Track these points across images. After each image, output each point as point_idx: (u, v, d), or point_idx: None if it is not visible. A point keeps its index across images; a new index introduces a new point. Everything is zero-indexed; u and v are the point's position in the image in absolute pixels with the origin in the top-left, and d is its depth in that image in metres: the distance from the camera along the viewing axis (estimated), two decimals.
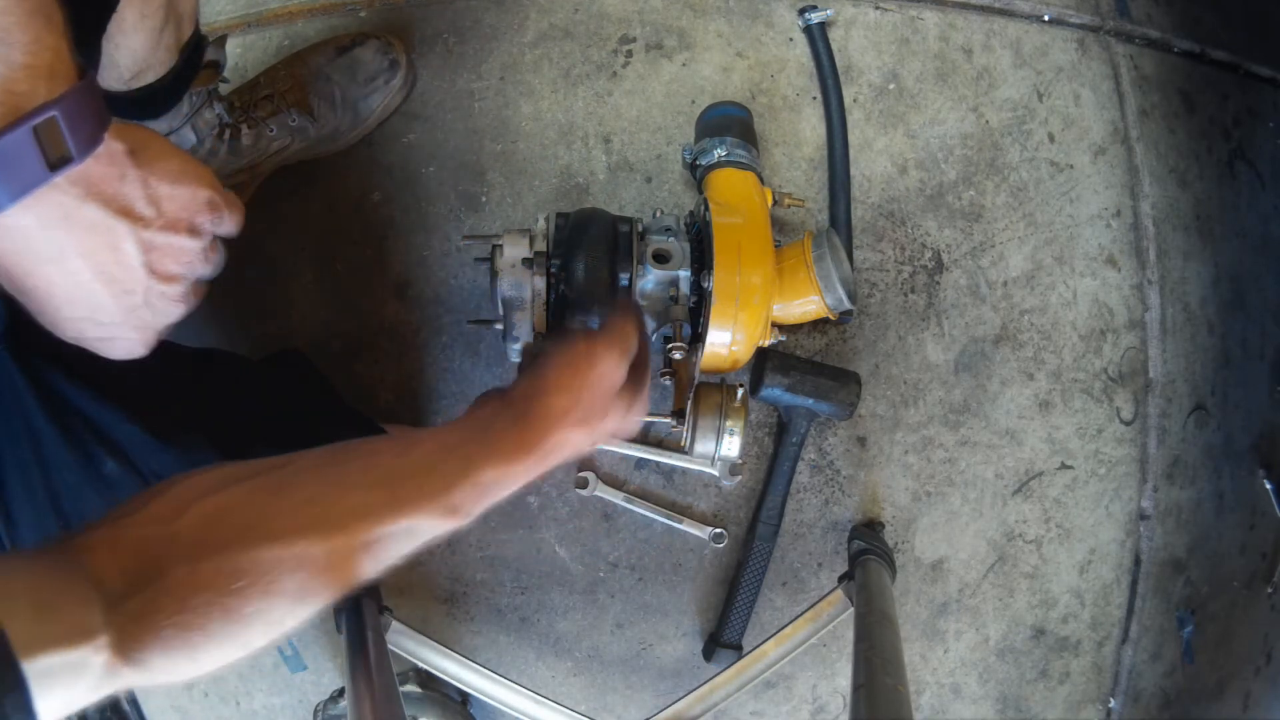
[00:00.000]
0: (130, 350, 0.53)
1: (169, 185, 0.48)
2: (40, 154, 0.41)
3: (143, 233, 0.48)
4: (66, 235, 0.45)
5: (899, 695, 0.70)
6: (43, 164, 0.41)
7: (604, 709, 1.09)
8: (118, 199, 0.46)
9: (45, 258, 0.46)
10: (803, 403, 0.99)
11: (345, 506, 0.48)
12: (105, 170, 0.45)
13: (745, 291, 0.79)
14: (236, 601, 0.43)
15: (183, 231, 0.50)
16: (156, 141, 0.49)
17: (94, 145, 0.44)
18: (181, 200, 0.49)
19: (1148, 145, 1.13)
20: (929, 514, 1.09)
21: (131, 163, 0.46)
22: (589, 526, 1.07)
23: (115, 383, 0.62)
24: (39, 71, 0.40)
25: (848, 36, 1.10)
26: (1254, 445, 1.19)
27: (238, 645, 0.44)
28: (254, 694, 1.10)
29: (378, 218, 1.06)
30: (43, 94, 0.40)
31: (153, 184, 0.48)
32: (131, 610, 0.41)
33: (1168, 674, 1.17)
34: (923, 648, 1.11)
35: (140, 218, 0.47)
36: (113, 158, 0.45)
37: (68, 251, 0.46)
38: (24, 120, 0.40)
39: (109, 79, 0.74)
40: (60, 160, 0.42)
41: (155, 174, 0.48)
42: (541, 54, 1.07)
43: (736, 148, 0.93)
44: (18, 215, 0.42)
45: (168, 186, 0.48)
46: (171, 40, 0.74)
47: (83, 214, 0.45)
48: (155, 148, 0.48)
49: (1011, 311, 1.10)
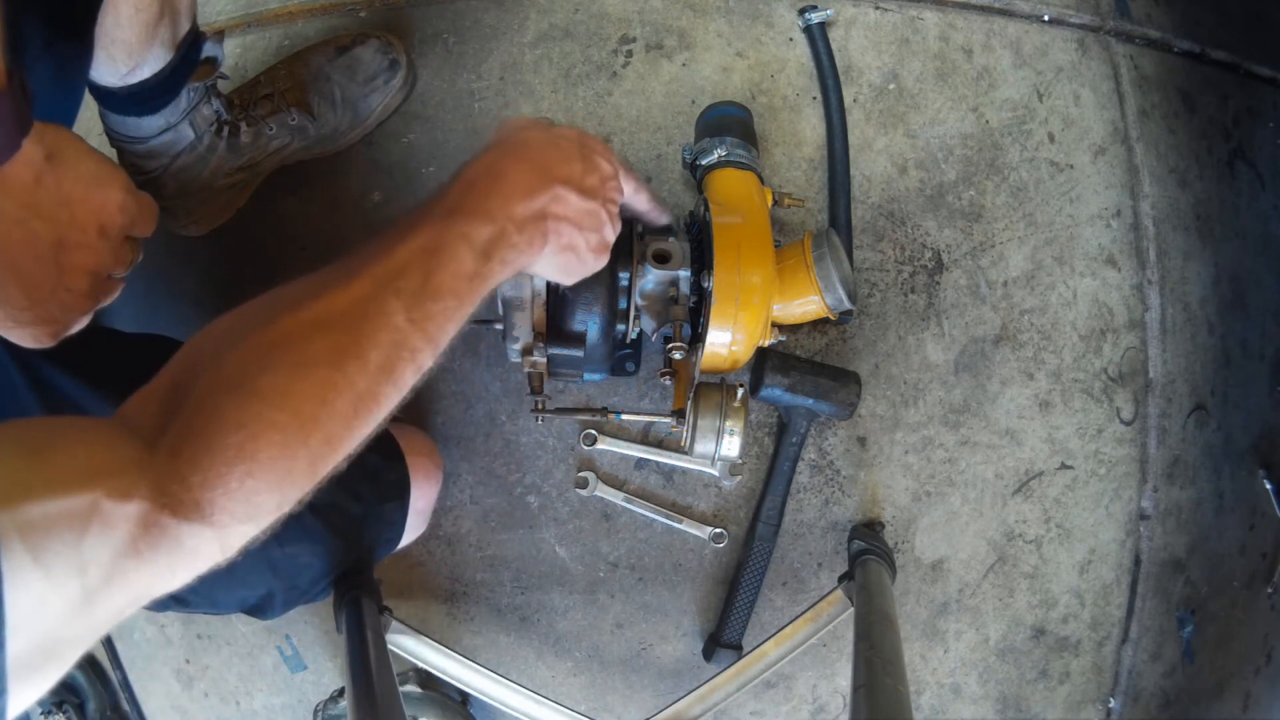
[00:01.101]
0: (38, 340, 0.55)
1: (82, 188, 0.51)
2: None
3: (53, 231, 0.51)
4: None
5: (899, 695, 0.70)
6: None
7: (604, 709, 1.09)
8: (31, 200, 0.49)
9: None
10: (803, 403, 0.99)
11: (353, 261, 0.46)
12: (20, 171, 0.47)
13: (745, 291, 0.79)
14: (264, 380, 0.38)
15: (92, 232, 0.53)
16: (74, 145, 0.51)
17: (11, 150, 0.45)
18: (94, 204, 0.52)
19: (1148, 145, 1.13)
20: (929, 514, 1.09)
21: (47, 166, 0.49)
22: (589, 526, 1.07)
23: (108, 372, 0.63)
24: None
25: (848, 36, 1.10)
26: (1254, 445, 1.19)
27: (294, 446, 0.38)
28: (254, 694, 1.10)
29: (378, 218, 1.05)
30: None
31: (66, 187, 0.50)
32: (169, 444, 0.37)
33: (1168, 674, 1.17)
34: (923, 648, 1.11)
35: (51, 218, 0.50)
36: (29, 161, 0.48)
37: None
38: None
39: (105, 74, 0.75)
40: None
41: (69, 177, 0.50)
42: (542, 54, 1.07)
43: (736, 148, 0.93)
44: None
45: (81, 189, 0.51)
46: (167, 35, 0.75)
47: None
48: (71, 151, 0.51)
49: (1011, 311, 1.10)
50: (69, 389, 0.62)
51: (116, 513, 0.33)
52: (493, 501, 1.07)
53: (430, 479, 0.95)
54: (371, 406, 0.42)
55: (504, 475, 1.06)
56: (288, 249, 1.05)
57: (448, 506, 1.06)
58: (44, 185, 0.49)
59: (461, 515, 1.07)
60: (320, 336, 0.40)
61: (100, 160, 0.53)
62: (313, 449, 0.39)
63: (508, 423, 1.06)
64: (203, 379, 0.38)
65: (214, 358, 0.40)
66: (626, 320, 0.81)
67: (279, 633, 1.09)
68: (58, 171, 0.50)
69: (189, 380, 0.39)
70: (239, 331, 0.41)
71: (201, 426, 0.36)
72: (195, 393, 0.38)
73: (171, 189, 0.92)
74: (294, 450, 0.38)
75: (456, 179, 0.52)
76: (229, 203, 1.00)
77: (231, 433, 0.36)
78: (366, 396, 0.41)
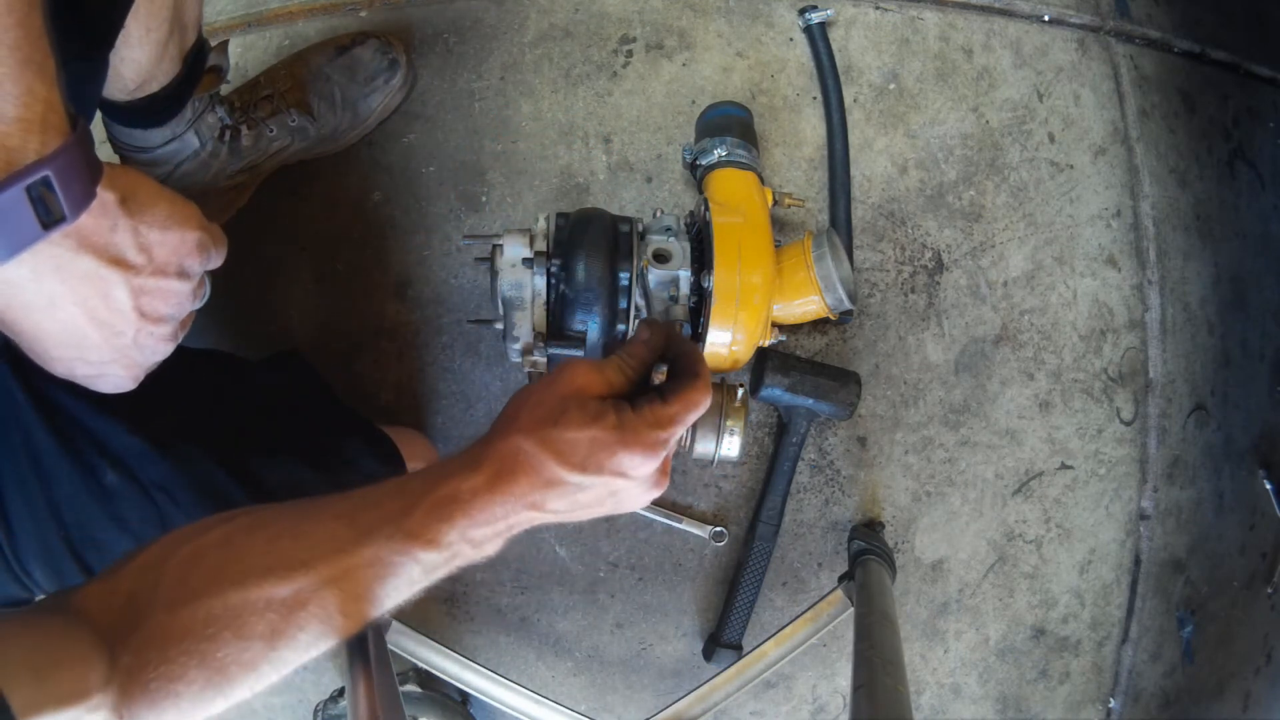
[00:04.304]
0: (119, 385, 0.54)
1: (159, 231, 0.49)
2: (34, 213, 0.41)
3: (134, 279, 0.49)
4: (59, 285, 0.46)
5: (899, 695, 0.70)
6: (36, 223, 0.41)
7: (604, 709, 1.09)
8: (109, 249, 0.47)
9: (38, 306, 0.46)
10: (803, 403, 0.99)
11: (308, 542, 0.46)
12: (97, 222, 0.46)
13: (745, 291, 0.79)
14: (210, 647, 0.43)
15: (172, 275, 0.51)
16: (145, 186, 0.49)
17: (87, 202, 0.44)
18: (171, 245, 0.50)
19: (1148, 145, 1.13)
20: (929, 514, 1.09)
21: (122, 212, 0.47)
22: (589, 526, 1.07)
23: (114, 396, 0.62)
24: (31, 125, 0.40)
25: (848, 36, 1.10)
26: (1254, 445, 1.19)
27: (220, 695, 0.43)
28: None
29: (378, 218, 1.05)
30: (35, 148, 0.40)
31: (143, 231, 0.48)
32: (125, 665, 0.42)
33: (1168, 674, 1.17)
34: (923, 648, 1.11)
35: (131, 266, 0.48)
36: (104, 209, 0.46)
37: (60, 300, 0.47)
38: (16, 179, 0.39)
39: (113, 90, 0.75)
40: (54, 220, 0.42)
41: (145, 221, 0.48)
42: (542, 54, 1.07)
43: (737, 148, 0.93)
44: (11, 269, 0.43)
45: (158, 233, 0.49)
46: (175, 50, 0.75)
47: (76, 265, 0.46)
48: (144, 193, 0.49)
49: (1011, 311, 1.10)
50: (74, 410, 0.62)
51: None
52: None
53: None
54: (291, 665, 0.46)
55: None
56: (288, 249, 1.05)
57: None
58: (120, 232, 0.47)
59: None
60: (262, 618, 0.44)
61: (174, 199, 0.51)
62: (238, 696, 0.45)
63: None
64: (156, 617, 0.43)
65: (171, 602, 0.43)
66: (626, 320, 0.81)
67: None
68: (133, 216, 0.47)
69: (147, 604, 0.43)
70: (200, 582, 0.44)
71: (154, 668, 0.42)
72: (153, 627, 0.43)
73: None
74: (221, 701, 0.44)
75: (430, 490, 0.48)
76: (229, 203, 1.00)
77: (175, 683, 0.42)
78: (291, 663, 0.46)
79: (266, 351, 1.03)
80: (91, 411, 0.62)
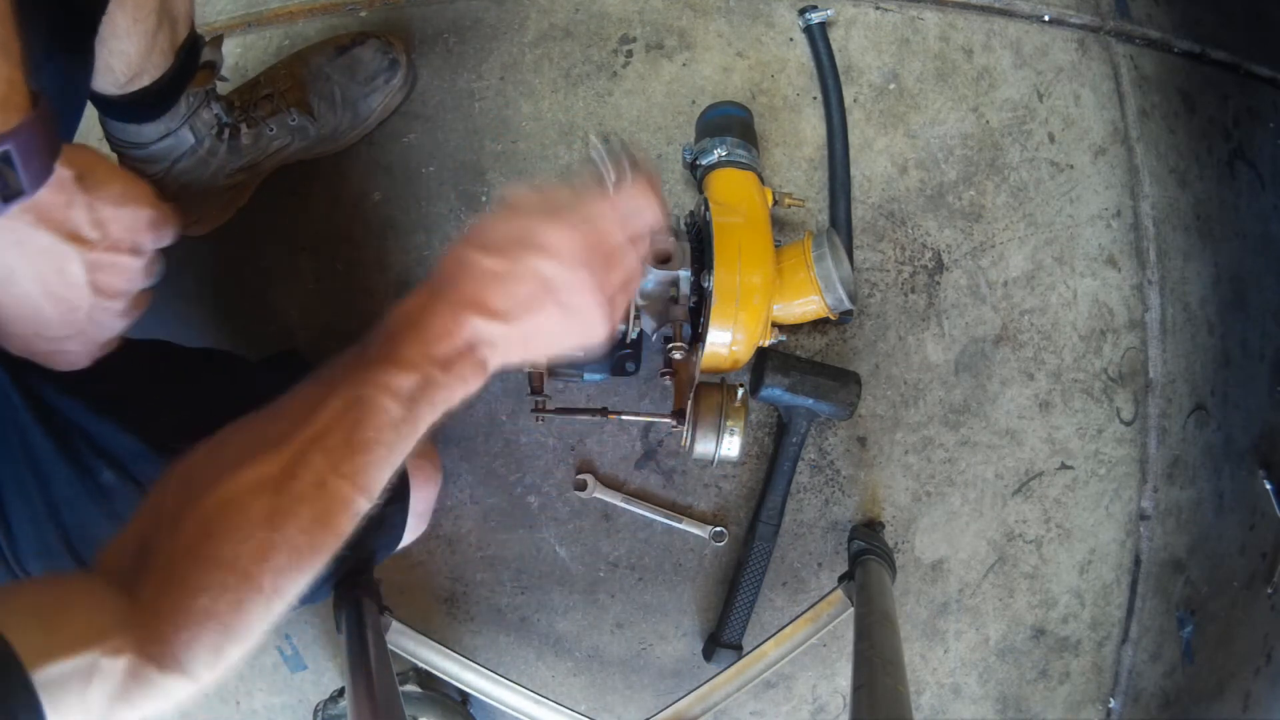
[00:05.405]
0: (75, 362, 0.55)
1: (113, 208, 0.51)
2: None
3: (89, 254, 0.50)
4: (18, 259, 0.48)
5: (899, 695, 0.70)
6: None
7: (604, 709, 1.09)
8: (66, 224, 0.48)
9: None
10: (803, 403, 0.99)
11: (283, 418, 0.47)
12: (54, 198, 0.47)
13: (745, 291, 0.79)
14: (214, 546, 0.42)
15: (126, 251, 0.52)
16: (101, 164, 0.51)
17: (45, 177, 0.45)
18: (125, 222, 0.52)
19: (1148, 145, 1.13)
20: (929, 514, 1.09)
21: (79, 188, 0.48)
22: (589, 526, 1.07)
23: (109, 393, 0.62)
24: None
25: (848, 36, 1.10)
26: (1254, 445, 1.19)
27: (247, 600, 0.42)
28: (254, 694, 1.10)
29: (378, 218, 1.05)
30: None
31: (98, 207, 0.50)
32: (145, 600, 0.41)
33: (1168, 674, 1.17)
34: (923, 648, 1.11)
35: (87, 241, 0.50)
36: (61, 185, 0.47)
37: (18, 274, 0.48)
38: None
39: (105, 84, 0.74)
40: (12, 193, 0.43)
41: (100, 198, 0.50)
42: (542, 54, 1.07)
43: (736, 148, 0.93)
44: None
45: (112, 209, 0.51)
46: (166, 43, 0.74)
47: (34, 240, 0.47)
48: (100, 171, 0.50)
49: (1011, 311, 1.10)
50: (71, 411, 0.62)
51: (111, 667, 0.39)
52: (493, 501, 1.07)
53: (430, 481, 0.95)
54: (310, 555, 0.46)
55: (504, 475, 1.06)
56: (288, 249, 1.05)
57: (448, 506, 1.06)
58: (76, 208, 0.48)
59: (461, 515, 1.07)
60: (256, 501, 0.43)
61: (128, 177, 0.53)
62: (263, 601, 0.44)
63: (508, 423, 1.06)
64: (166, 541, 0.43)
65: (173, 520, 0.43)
66: (626, 320, 0.81)
67: (279, 633, 1.09)
68: (89, 193, 0.49)
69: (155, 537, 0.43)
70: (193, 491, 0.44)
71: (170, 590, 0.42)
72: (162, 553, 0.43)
73: (172, 191, 0.92)
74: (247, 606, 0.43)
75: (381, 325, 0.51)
76: (229, 203, 1.00)
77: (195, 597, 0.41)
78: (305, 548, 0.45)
79: (266, 351, 1.03)
80: (88, 412, 0.62)
